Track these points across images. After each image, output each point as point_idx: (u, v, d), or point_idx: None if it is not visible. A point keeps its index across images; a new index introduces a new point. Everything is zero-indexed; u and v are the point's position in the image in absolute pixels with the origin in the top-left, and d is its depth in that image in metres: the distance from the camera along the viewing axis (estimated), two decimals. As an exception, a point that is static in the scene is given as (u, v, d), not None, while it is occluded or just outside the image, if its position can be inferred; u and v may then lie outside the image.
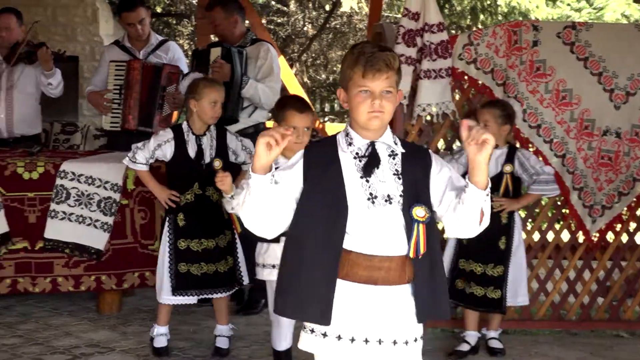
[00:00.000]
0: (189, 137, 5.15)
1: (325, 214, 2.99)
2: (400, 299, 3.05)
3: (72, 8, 9.43)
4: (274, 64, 6.30)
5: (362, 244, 3.00)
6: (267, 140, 2.84)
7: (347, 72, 3.04)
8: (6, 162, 5.94)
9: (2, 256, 5.89)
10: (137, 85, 6.50)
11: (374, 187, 3.01)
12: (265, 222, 3.01)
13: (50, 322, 5.87)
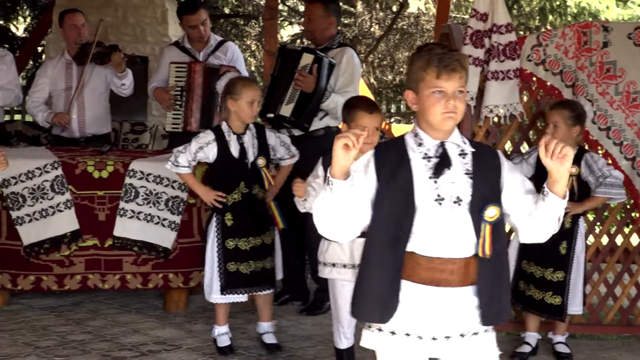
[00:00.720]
0: (230, 137, 5.18)
1: (393, 215, 2.99)
2: (463, 300, 3.05)
3: (142, 9, 9.53)
4: (355, 73, 6.22)
5: (424, 246, 3.00)
6: (344, 142, 2.85)
7: (418, 73, 3.03)
8: (77, 161, 6.04)
9: (73, 253, 6.00)
10: (198, 88, 6.55)
11: (443, 188, 3.00)
12: (342, 227, 3.02)
13: (118, 319, 5.96)
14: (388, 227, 2.99)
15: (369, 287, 3.03)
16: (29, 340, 5.45)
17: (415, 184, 3.00)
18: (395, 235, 2.99)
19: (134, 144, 8.36)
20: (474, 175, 3.03)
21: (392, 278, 3.00)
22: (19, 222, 5.96)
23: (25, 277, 6.01)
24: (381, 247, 3.00)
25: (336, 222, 3.00)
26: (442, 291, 3.02)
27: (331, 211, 2.96)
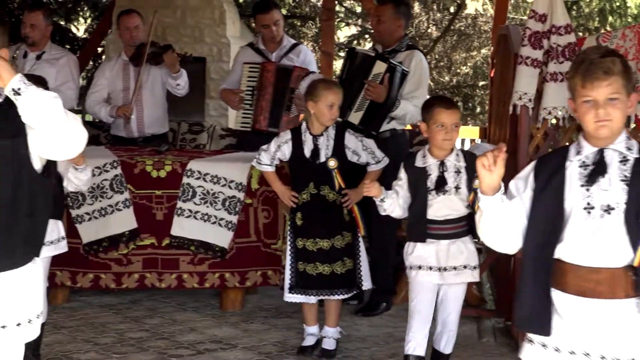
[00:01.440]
0: (306, 137, 5.20)
1: (543, 223, 2.98)
2: (620, 315, 2.93)
3: (201, 10, 9.60)
4: (423, 77, 6.20)
5: (571, 253, 2.95)
6: (481, 162, 2.88)
7: (570, 82, 3.00)
8: (135, 161, 6.10)
9: (131, 252, 6.07)
10: (269, 87, 6.59)
11: (594, 196, 2.93)
12: (503, 239, 3.06)
13: (175, 317, 6.01)
14: (538, 235, 2.98)
15: (523, 295, 3.02)
16: (88, 337, 5.52)
17: (566, 192, 2.96)
18: (544, 243, 2.97)
19: (192, 144, 8.42)
20: (631, 181, 2.92)
21: (543, 286, 2.98)
22: (78, 220, 6.04)
23: (84, 275, 6.09)
24: (532, 255, 3.00)
25: (496, 235, 3.05)
26: (591, 303, 2.93)
27: (489, 225, 3.02)
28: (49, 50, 6.88)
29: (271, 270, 6.07)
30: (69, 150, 2.95)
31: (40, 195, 3.09)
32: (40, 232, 3.14)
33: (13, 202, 2.99)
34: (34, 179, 3.03)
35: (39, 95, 2.85)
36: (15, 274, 3.05)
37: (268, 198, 6.02)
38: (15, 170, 2.98)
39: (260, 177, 5.98)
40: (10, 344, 3.07)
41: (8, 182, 2.98)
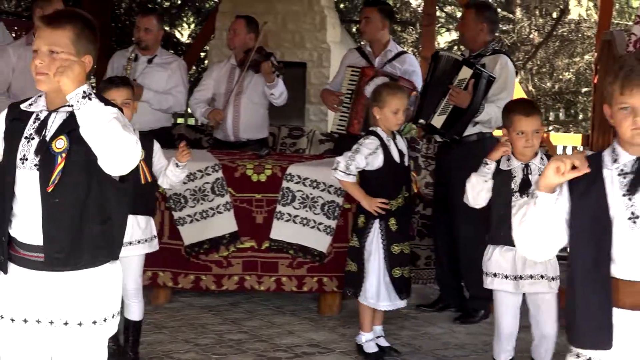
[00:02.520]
0: (390, 143, 5.20)
1: (588, 236, 2.87)
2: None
3: (302, 15, 9.66)
4: (508, 80, 6.16)
5: (622, 268, 2.84)
6: (557, 165, 2.78)
7: (608, 87, 2.92)
8: (236, 164, 6.18)
9: (231, 254, 6.15)
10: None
11: (637, 205, 2.84)
12: (541, 243, 2.93)
13: (274, 320, 6.06)
14: (585, 249, 2.87)
15: (577, 311, 2.91)
16: (188, 338, 5.61)
17: (608, 202, 2.86)
18: (593, 258, 2.86)
19: (292, 148, 8.48)
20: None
21: (599, 304, 2.86)
22: (180, 222, 6.15)
23: (185, 276, 6.19)
24: (582, 270, 2.89)
25: (536, 238, 2.92)
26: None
27: (533, 226, 2.89)
28: (160, 55, 7.01)
29: (369, 276, 6.06)
30: (120, 168, 3.01)
31: (115, 201, 3.15)
32: (116, 235, 3.21)
33: (85, 207, 3.07)
34: (107, 184, 3.10)
35: (97, 110, 2.92)
36: (93, 273, 3.14)
37: (367, 203, 6.02)
38: (88, 175, 3.06)
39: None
40: (87, 341, 3.15)
41: (82, 187, 3.06)
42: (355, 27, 14.03)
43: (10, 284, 3.17)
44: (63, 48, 3.08)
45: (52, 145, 3.06)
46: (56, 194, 3.05)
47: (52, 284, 3.11)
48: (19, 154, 3.11)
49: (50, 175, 3.04)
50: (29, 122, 3.14)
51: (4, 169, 3.15)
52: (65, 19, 3.14)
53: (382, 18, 6.83)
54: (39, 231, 3.08)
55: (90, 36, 3.16)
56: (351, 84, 6.72)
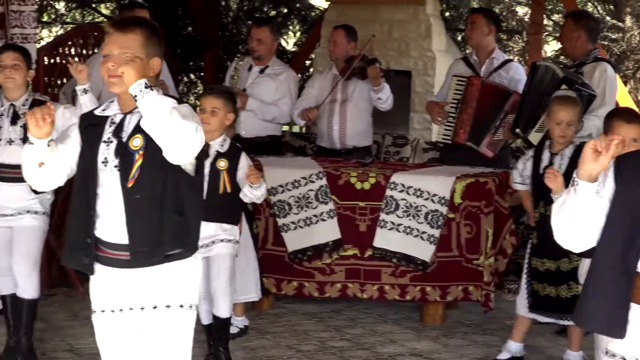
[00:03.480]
0: (545, 155, 5.18)
1: (621, 228, 2.80)
2: None
3: (407, 24, 9.63)
4: (607, 87, 6.06)
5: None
6: (593, 145, 2.76)
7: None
8: (340, 172, 6.20)
9: (334, 262, 6.16)
10: (473, 102, 6.57)
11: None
12: (579, 234, 2.88)
13: (376, 328, 6.05)
14: (616, 240, 2.80)
15: (594, 299, 2.85)
16: (290, 344, 5.65)
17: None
18: (623, 250, 2.79)
19: (395, 156, 8.46)
20: None
21: (619, 295, 2.81)
22: (284, 229, 6.19)
23: (288, 282, 6.24)
24: (608, 260, 2.82)
25: (573, 227, 2.88)
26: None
27: (570, 214, 2.85)
28: (272, 65, 7.06)
29: (473, 286, 6.01)
30: (180, 156, 3.13)
31: (189, 195, 3.30)
32: (191, 229, 3.35)
33: (163, 201, 3.23)
34: (182, 178, 3.25)
35: (157, 100, 3.06)
36: (174, 265, 3.31)
37: (471, 213, 5.97)
38: (165, 170, 3.20)
39: (463, 192, 5.95)
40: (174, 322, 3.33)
41: (159, 181, 3.22)
42: (461, 35, 13.93)
43: (99, 281, 3.38)
44: (134, 51, 3.22)
45: (130, 144, 3.24)
46: (136, 190, 3.22)
47: (138, 278, 3.30)
48: (99, 157, 3.28)
49: (129, 172, 3.22)
50: (105, 126, 3.31)
51: (86, 174, 3.31)
52: (135, 24, 3.30)
53: (488, 23, 6.79)
54: (123, 230, 3.26)
55: (157, 40, 3.32)
56: (457, 94, 6.69)
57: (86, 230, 3.30)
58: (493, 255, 5.94)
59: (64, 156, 3.32)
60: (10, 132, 5.05)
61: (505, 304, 6.43)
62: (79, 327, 5.87)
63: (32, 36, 6.70)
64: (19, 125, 5.03)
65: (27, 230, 5.09)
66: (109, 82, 3.23)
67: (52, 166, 3.29)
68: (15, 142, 5.04)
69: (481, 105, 6.57)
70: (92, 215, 3.29)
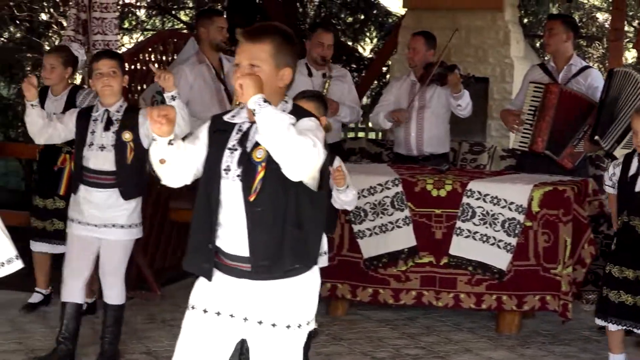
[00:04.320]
0: (634, 162, 5.06)
1: None
2: None
3: (485, 30, 9.57)
4: None
5: None
6: None
7: None
8: (416, 179, 6.19)
9: (409, 269, 6.15)
10: (551, 109, 6.50)
11: None
12: None
13: (450, 337, 6.02)
14: None
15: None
16: (365, 350, 5.65)
17: None
18: None
19: (472, 164, 8.41)
20: None
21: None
22: (359, 235, 6.20)
23: (364, 289, 6.24)
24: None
25: None
26: None
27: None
28: (332, 68, 7.12)
29: (550, 296, 5.93)
30: (298, 172, 3.07)
31: (310, 209, 3.23)
32: (311, 244, 3.28)
33: (285, 214, 3.17)
34: (304, 192, 3.18)
35: (271, 117, 3.00)
36: (293, 281, 3.23)
37: (549, 221, 5.90)
38: (287, 183, 3.14)
39: (541, 200, 5.89)
40: (280, 342, 3.24)
41: (281, 195, 3.16)
42: (539, 42, 13.78)
43: (210, 283, 3.31)
44: (263, 61, 3.18)
45: (253, 155, 3.18)
46: (258, 203, 3.16)
47: (253, 289, 3.24)
48: (222, 165, 3.24)
49: (251, 184, 3.17)
50: (232, 133, 3.27)
51: (209, 180, 3.28)
52: (265, 33, 3.23)
53: (566, 29, 6.72)
54: (244, 241, 3.20)
55: (289, 50, 3.25)
56: (534, 101, 6.63)
57: (208, 236, 3.27)
58: (571, 264, 5.86)
59: (190, 156, 3.31)
60: (103, 137, 5.11)
61: (583, 314, 6.35)
62: (156, 330, 5.96)
63: (113, 43, 6.83)
64: (112, 131, 5.10)
65: (113, 244, 5.16)
66: (237, 91, 3.16)
67: (174, 164, 3.28)
68: (106, 149, 5.10)
69: (560, 113, 6.49)
70: (214, 221, 3.25)
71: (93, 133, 5.12)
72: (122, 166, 5.07)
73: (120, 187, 5.10)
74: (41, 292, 6.41)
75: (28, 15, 11.91)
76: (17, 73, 11.92)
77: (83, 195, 5.13)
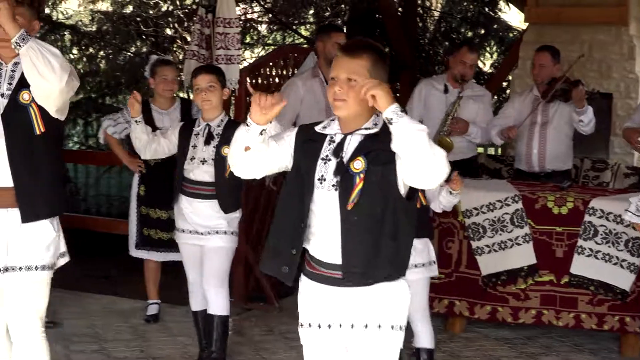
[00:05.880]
0: None
1: None
2: None
3: (609, 45, 9.38)
4: None
5: None
6: None
7: None
8: (537, 196, 6.09)
9: (529, 287, 6.06)
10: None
11: None
12: None
13: (571, 357, 5.91)
14: None
15: None
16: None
17: None
18: None
19: (594, 181, 8.24)
20: None
21: None
22: (478, 252, 6.14)
23: (482, 306, 6.17)
24: None
25: None
26: None
27: None
28: (470, 87, 7.05)
29: (676, 318, 5.77)
30: (429, 181, 3.14)
31: (405, 219, 3.30)
32: (403, 254, 3.35)
33: (381, 224, 3.24)
34: (400, 203, 3.26)
35: (408, 126, 3.06)
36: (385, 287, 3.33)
37: (675, 241, 5.74)
38: (384, 194, 3.23)
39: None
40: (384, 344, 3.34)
41: (378, 205, 3.24)
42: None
43: (309, 296, 3.41)
44: (360, 76, 3.25)
45: (351, 166, 3.26)
46: (355, 212, 3.24)
47: (351, 295, 3.32)
48: (316, 175, 3.32)
49: (349, 194, 3.25)
50: (324, 144, 3.35)
51: (301, 188, 3.35)
52: (363, 48, 3.32)
53: None
54: (337, 249, 3.29)
55: (384, 66, 3.33)
56: None
57: (293, 241, 3.35)
58: (699, 286, 5.69)
59: (272, 153, 3.39)
60: (203, 151, 5.22)
61: None
62: (274, 342, 6.02)
63: (235, 57, 6.95)
64: (212, 145, 5.20)
65: (215, 250, 5.26)
66: (333, 104, 3.28)
67: (256, 155, 3.36)
68: (207, 162, 5.21)
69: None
70: (302, 229, 3.33)
71: (194, 147, 5.24)
72: (221, 180, 5.17)
73: (219, 200, 5.21)
74: (155, 302, 6.57)
75: (154, 30, 12.23)
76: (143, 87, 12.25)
77: (185, 206, 5.27)
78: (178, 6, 12.34)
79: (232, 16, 6.92)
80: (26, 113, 3.91)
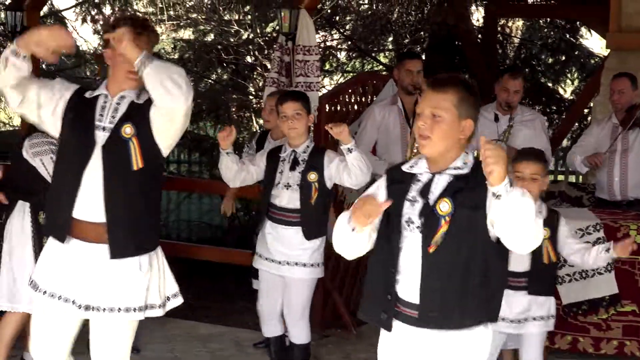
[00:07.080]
0: None
1: None
2: None
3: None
4: None
5: None
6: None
7: None
8: (619, 224, 6.00)
9: (610, 317, 5.96)
10: None
11: None
12: None
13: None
14: None
15: None
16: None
17: None
18: None
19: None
20: None
21: None
22: (559, 281, 6.04)
23: (562, 336, 6.08)
24: None
25: None
26: None
27: None
28: (520, 112, 6.93)
29: None
30: (525, 248, 3.08)
31: (496, 261, 3.21)
32: (492, 299, 3.25)
33: (466, 268, 3.16)
34: (489, 248, 3.17)
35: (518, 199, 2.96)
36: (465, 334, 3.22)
37: None
38: (472, 238, 3.14)
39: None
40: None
41: (465, 247, 3.15)
42: None
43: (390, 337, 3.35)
44: (446, 111, 3.18)
45: (437, 208, 3.18)
46: (437, 255, 3.17)
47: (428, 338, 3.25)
48: (404, 217, 3.25)
49: (432, 236, 3.17)
50: (411, 184, 3.28)
51: (390, 230, 3.28)
52: (449, 83, 3.24)
53: None
54: (416, 289, 3.22)
55: (472, 101, 3.24)
56: None
57: (386, 286, 3.29)
58: None
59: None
60: (289, 177, 5.24)
61: None
62: (351, 369, 6.01)
63: (314, 84, 7.02)
64: (298, 171, 5.22)
65: (297, 282, 5.26)
66: (419, 142, 3.22)
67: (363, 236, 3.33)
68: (292, 187, 5.23)
69: None
70: (393, 272, 3.27)
71: (281, 172, 5.26)
72: (306, 206, 5.18)
73: (304, 227, 5.20)
74: None
75: (234, 58, 12.38)
76: (223, 114, 12.40)
77: (269, 232, 5.28)
78: (258, 34, 12.49)
79: (312, 44, 6.99)
80: (126, 147, 3.74)
